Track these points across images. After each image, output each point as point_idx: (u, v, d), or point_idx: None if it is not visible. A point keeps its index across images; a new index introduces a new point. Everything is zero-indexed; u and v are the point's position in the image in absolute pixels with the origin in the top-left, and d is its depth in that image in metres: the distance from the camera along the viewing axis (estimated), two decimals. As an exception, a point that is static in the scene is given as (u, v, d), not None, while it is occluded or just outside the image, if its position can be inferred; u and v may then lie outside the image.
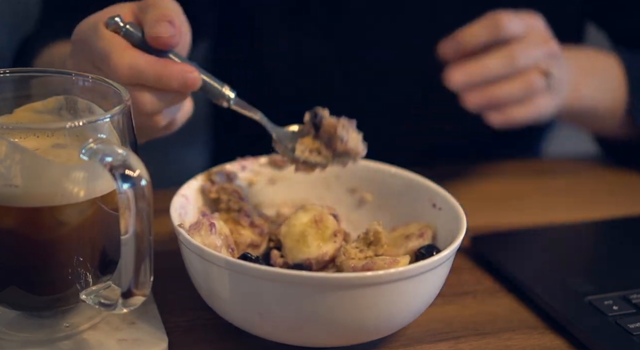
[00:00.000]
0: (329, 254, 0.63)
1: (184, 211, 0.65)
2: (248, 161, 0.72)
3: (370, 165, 0.73)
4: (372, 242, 0.63)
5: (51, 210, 0.53)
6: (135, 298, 0.53)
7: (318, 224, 0.65)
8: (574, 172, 0.99)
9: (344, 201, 0.74)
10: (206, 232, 0.61)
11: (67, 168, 0.53)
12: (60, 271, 0.55)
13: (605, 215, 0.85)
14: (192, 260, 0.59)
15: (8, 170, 0.52)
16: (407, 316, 0.60)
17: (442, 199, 0.67)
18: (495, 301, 0.70)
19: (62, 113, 0.60)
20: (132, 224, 0.50)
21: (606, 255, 0.75)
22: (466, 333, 0.65)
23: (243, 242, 0.67)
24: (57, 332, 0.59)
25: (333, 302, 0.55)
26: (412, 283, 0.57)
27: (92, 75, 0.60)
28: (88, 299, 0.55)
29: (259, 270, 0.54)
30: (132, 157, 0.50)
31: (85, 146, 0.52)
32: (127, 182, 0.50)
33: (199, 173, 0.69)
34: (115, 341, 0.59)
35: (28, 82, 0.60)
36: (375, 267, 0.59)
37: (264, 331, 0.58)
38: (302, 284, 0.54)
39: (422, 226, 0.67)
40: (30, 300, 0.57)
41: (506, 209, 0.88)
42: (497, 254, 0.75)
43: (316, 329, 0.56)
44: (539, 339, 0.64)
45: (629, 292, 0.68)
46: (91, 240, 0.56)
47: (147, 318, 0.61)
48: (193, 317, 0.64)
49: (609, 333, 0.63)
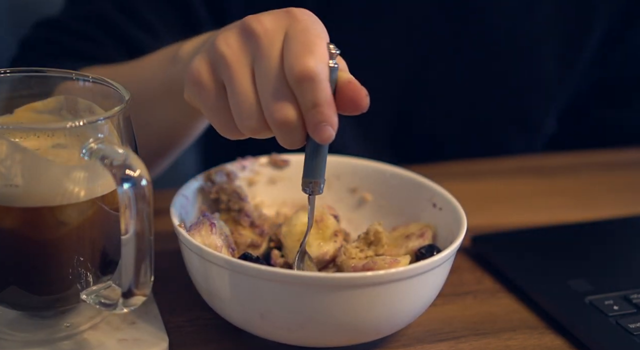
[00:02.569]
0: (329, 253, 0.64)
1: (184, 211, 0.65)
2: (248, 161, 0.72)
3: (370, 165, 0.73)
4: (372, 242, 0.63)
5: (51, 210, 0.53)
6: (135, 298, 0.53)
7: (318, 223, 0.65)
8: (574, 172, 1.00)
9: (344, 201, 0.74)
10: (206, 232, 0.61)
11: (68, 168, 0.53)
12: (60, 271, 0.55)
13: (605, 215, 0.85)
14: (192, 260, 0.59)
15: (8, 170, 0.52)
16: (407, 316, 0.60)
17: (442, 199, 0.67)
18: (495, 301, 0.70)
19: (63, 113, 0.60)
20: (132, 224, 0.50)
21: (606, 255, 0.75)
22: (466, 333, 0.65)
23: (243, 242, 0.67)
24: (58, 332, 0.59)
25: (333, 302, 0.55)
26: (412, 283, 0.57)
27: (92, 75, 0.60)
28: (88, 299, 0.56)
29: (259, 270, 0.54)
30: (132, 157, 0.50)
31: (86, 146, 0.52)
32: (127, 182, 0.50)
33: (199, 173, 0.69)
34: (115, 341, 0.59)
35: (28, 82, 0.60)
36: (375, 267, 0.59)
37: (264, 331, 0.58)
38: (302, 284, 0.54)
39: (423, 226, 0.68)
40: (31, 300, 0.57)
41: (506, 209, 0.88)
42: (497, 254, 0.75)
43: (316, 329, 0.56)
44: (539, 339, 0.64)
45: (629, 292, 0.68)
46: (91, 240, 0.56)
47: (147, 318, 0.62)
48: (193, 317, 0.64)
49: (609, 333, 0.63)
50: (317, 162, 0.58)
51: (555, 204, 0.90)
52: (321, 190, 0.59)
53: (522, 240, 0.77)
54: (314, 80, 0.52)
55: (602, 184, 0.96)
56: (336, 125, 0.54)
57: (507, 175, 0.97)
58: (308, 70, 0.52)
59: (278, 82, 0.54)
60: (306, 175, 0.59)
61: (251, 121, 0.56)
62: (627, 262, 0.74)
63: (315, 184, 0.59)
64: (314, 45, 0.54)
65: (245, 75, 0.55)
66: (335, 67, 0.55)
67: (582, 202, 0.91)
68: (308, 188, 0.59)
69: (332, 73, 0.55)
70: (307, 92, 0.53)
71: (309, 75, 0.52)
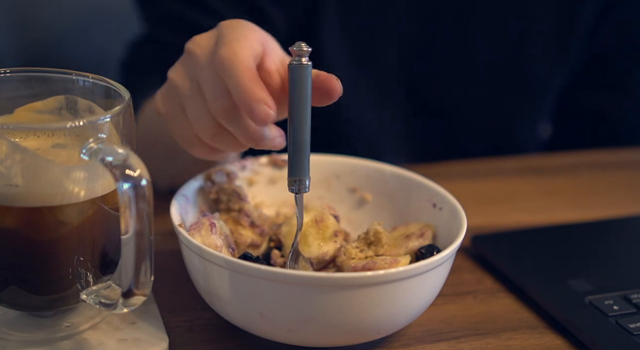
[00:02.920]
0: (329, 253, 0.64)
1: (184, 211, 0.65)
2: (248, 161, 0.72)
3: (370, 165, 0.73)
4: (372, 242, 0.63)
5: (51, 210, 0.53)
6: (135, 298, 0.53)
7: (319, 224, 0.65)
8: (574, 172, 1.00)
9: (344, 201, 0.74)
10: (206, 232, 0.61)
11: (68, 168, 0.53)
12: (60, 271, 0.55)
13: (605, 215, 0.85)
14: (192, 260, 0.59)
15: (8, 170, 0.52)
16: (407, 316, 0.60)
17: (442, 199, 0.67)
18: (495, 301, 0.70)
19: (63, 113, 0.60)
20: (132, 224, 0.50)
21: (606, 255, 0.75)
22: (466, 333, 0.65)
23: (243, 242, 0.67)
24: (58, 332, 0.59)
25: (333, 302, 0.55)
26: (412, 283, 0.57)
27: (92, 75, 0.60)
28: (88, 298, 0.56)
29: (259, 270, 0.54)
30: (132, 157, 0.50)
31: (86, 146, 0.52)
32: (127, 182, 0.50)
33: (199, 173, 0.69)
34: (115, 341, 0.59)
35: (28, 82, 0.60)
36: (375, 267, 0.59)
37: (264, 331, 0.58)
38: (302, 284, 0.54)
39: (423, 226, 0.68)
40: (31, 300, 0.57)
41: (506, 209, 0.88)
42: (497, 254, 0.75)
43: (316, 329, 0.56)
44: (539, 339, 0.64)
45: (629, 292, 0.68)
46: (91, 240, 0.56)
47: (147, 318, 0.61)
48: (193, 317, 0.64)
49: (609, 333, 0.63)
50: (299, 160, 0.60)
51: (554, 203, 0.90)
52: (307, 188, 0.61)
53: (522, 240, 0.77)
54: (233, 62, 0.56)
55: (602, 184, 0.96)
56: (272, 104, 0.56)
57: (507, 175, 0.97)
58: (227, 54, 0.56)
59: (211, 77, 0.58)
60: (290, 174, 0.60)
61: (202, 121, 0.59)
62: (627, 262, 0.74)
63: (300, 182, 0.60)
64: (239, 38, 0.58)
65: (192, 88, 0.60)
66: (309, 64, 0.58)
67: (582, 202, 0.91)
68: (293, 187, 0.60)
69: (306, 70, 0.58)
70: (230, 75, 0.56)
71: (227, 58, 0.56)
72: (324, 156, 0.74)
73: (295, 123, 0.59)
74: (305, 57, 0.58)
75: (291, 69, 0.58)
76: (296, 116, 0.59)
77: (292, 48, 0.58)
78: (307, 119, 0.59)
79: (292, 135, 0.59)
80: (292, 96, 0.59)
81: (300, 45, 0.58)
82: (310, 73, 0.58)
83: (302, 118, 0.59)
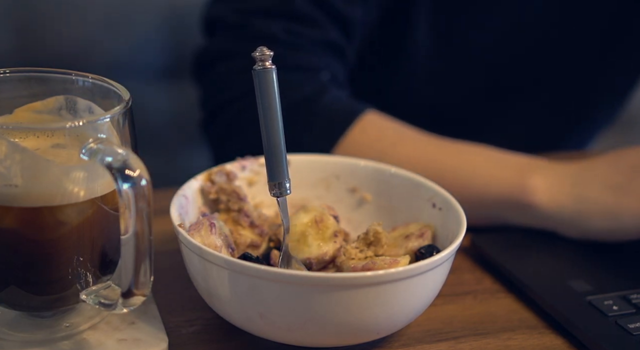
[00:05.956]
0: (329, 254, 0.64)
1: (184, 211, 0.65)
2: (248, 161, 0.72)
3: (370, 165, 0.73)
4: (372, 242, 0.63)
5: (51, 210, 0.53)
6: (135, 298, 0.53)
7: (318, 224, 0.65)
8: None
9: (344, 201, 0.74)
10: (206, 232, 0.61)
11: (67, 168, 0.53)
12: (60, 271, 0.55)
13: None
14: (192, 260, 0.59)
15: (8, 170, 0.52)
16: (407, 316, 0.60)
17: (442, 199, 0.67)
18: (495, 301, 0.70)
19: (62, 113, 0.60)
20: (132, 224, 0.50)
21: (606, 255, 0.75)
22: (466, 333, 0.65)
23: (243, 242, 0.67)
24: (57, 332, 0.59)
25: (333, 302, 0.55)
26: (412, 283, 0.57)
27: (92, 76, 0.60)
28: (88, 299, 0.56)
29: (259, 270, 0.54)
30: (132, 157, 0.50)
31: (86, 146, 0.52)
32: (127, 182, 0.50)
33: (199, 173, 0.69)
34: (115, 341, 0.59)
35: (28, 82, 0.60)
36: (375, 267, 0.59)
37: (264, 331, 0.58)
38: (302, 284, 0.54)
39: (422, 226, 0.68)
40: (30, 300, 0.57)
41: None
42: (497, 254, 0.75)
43: (316, 329, 0.56)
44: (539, 338, 0.64)
45: (629, 292, 0.68)
46: (91, 240, 0.56)
47: (147, 318, 0.61)
48: (193, 317, 0.64)
49: (609, 333, 0.63)
50: (276, 163, 0.61)
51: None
52: (288, 190, 0.62)
53: (522, 240, 0.77)
54: None
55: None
56: None
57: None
58: None
59: None
60: (269, 178, 0.62)
61: None
62: (626, 262, 0.74)
63: (280, 185, 0.61)
64: None
65: None
66: (272, 68, 0.59)
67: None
68: (275, 191, 0.62)
69: (270, 74, 0.60)
70: None
71: None
72: (323, 156, 0.74)
73: (267, 127, 0.60)
74: (268, 61, 0.59)
75: (256, 74, 0.60)
76: (267, 120, 0.60)
77: (255, 54, 0.60)
78: (278, 122, 0.60)
79: (266, 139, 0.61)
80: (260, 101, 0.60)
81: (262, 50, 0.59)
82: (275, 76, 0.60)
83: (272, 122, 0.60)
